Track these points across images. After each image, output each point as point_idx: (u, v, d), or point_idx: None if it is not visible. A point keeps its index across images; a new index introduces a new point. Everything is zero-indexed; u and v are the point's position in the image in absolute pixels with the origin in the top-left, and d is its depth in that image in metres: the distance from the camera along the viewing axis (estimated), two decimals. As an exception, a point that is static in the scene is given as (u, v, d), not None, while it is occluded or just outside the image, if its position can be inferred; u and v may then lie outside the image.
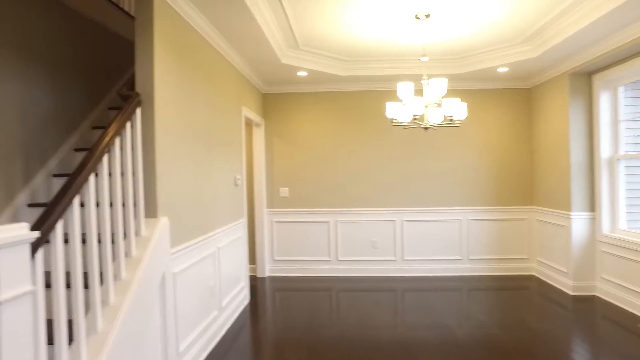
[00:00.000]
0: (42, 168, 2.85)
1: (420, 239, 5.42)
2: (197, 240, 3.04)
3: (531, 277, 5.19)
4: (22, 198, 2.63)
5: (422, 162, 5.42)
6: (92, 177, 1.91)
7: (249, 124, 5.26)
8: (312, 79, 5.11)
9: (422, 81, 3.55)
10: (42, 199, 2.81)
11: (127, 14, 3.97)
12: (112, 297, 2.00)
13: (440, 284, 4.99)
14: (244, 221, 4.38)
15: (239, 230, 4.18)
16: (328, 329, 3.63)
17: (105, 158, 2.03)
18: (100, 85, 3.56)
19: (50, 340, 1.76)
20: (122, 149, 2.25)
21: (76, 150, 3.18)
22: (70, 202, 1.74)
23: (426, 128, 3.57)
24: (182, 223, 2.81)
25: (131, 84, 3.93)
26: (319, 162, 5.47)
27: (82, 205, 2.50)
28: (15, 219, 2.56)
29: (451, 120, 3.57)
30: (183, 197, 2.84)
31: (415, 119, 3.60)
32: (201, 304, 3.13)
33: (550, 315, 3.86)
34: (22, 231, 1.38)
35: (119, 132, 2.15)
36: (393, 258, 5.42)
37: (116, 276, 2.10)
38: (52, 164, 2.94)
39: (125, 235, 2.31)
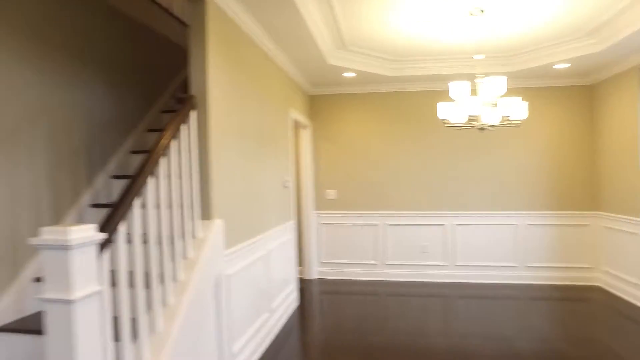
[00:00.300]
0: (102, 170, 2.96)
1: (473, 244, 5.19)
2: (248, 242, 3.05)
3: (596, 288, 4.83)
4: (86, 199, 2.74)
5: (474, 164, 5.20)
6: (151, 180, 1.94)
7: (296, 125, 5.27)
8: (359, 79, 5.04)
9: (476, 80, 3.40)
10: (103, 199, 2.92)
11: (178, 19, 4.08)
12: (171, 298, 2.02)
13: (495, 291, 4.75)
14: (292, 223, 4.37)
15: (288, 232, 4.18)
16: (378, 334, 3.53)
17: (162, 161, 2.06)
18: (154, 89, 3.67)
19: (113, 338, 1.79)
20: (178, 151, 2.29)
21: (132, 152, 3.29)
22: (131, 204, 1.78)
23: (482, 129, 3.41)
24: (235, 225, 2.83)
25: (184, 87, 4.03)
26: (367, 164, 5.38)
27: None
28: (79, 219, 2.67)
29: (509, 120, 3.39)
30: (235, 199, 2.86)
31: (470, 119, 3.45)
32: (253, 306, 3.13)
33: (625, 331, 3.55)
34: (90, 232, 1.42)
35: (175, 134, 2.18)
36: (444, 263, 5.23)
37: (173, 277, 2.13)
38: (111, 166, 3.06)
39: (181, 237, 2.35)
